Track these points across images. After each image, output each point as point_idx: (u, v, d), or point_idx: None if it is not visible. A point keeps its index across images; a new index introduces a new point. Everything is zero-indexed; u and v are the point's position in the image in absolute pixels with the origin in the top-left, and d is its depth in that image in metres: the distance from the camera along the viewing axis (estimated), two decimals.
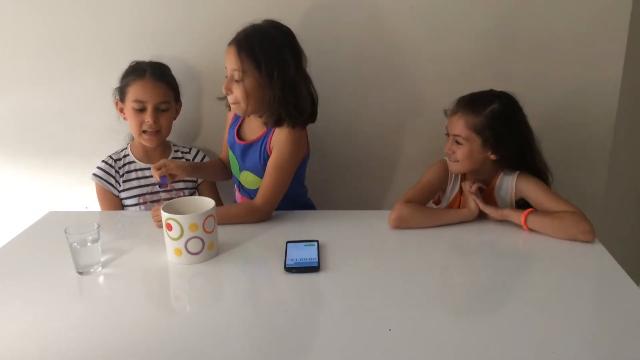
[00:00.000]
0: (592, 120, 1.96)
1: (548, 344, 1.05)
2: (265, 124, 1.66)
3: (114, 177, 1.82)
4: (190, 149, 1.93)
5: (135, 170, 1.84)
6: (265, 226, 1.60)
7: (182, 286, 1.33)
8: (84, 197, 1.89)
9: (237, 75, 1.57)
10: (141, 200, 1.83)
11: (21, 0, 1.86)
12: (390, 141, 2.00)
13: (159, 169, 1.60)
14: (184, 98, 1.88)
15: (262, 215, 1.62)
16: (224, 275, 1.35)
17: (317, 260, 1.33)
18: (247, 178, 1.75)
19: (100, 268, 1.35)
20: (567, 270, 1.34)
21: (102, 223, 1.48)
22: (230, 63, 1.57)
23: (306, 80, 1.62)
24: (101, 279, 1.32)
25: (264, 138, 1.68)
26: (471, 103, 1.58)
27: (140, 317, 1.17)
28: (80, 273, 1.32)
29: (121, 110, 1.81)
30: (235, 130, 1.77)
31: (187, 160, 1.89)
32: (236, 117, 1.79)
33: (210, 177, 1.84)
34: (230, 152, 1.80)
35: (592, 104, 1.94)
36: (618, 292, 1.25)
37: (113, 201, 1.83)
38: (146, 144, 1.81)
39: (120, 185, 1.83)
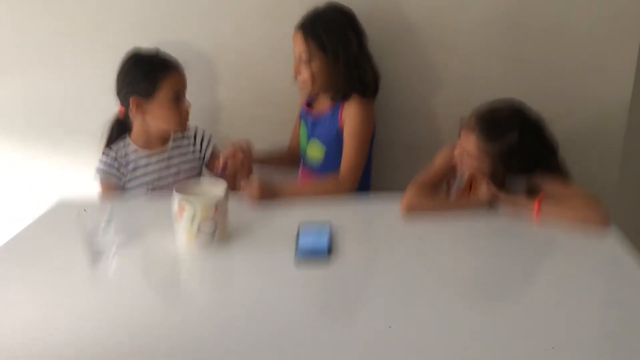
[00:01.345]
0: (605, 106, 1.95)
1: (563, 334, 1.04)
2: (333, 99, 1.77)
3: (117, 169, 1.79)
4: (194, 128, 1.88)
5: (141, 158, 1.81)
6: (277, 210, 1.59)
7: (194, 271, 1.33)
8: (93, 180, 1.85)
9: (304, 58, 1.69)
10: (150, 187, 1.81)
11: None
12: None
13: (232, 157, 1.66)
14: (199, 84, 1.88)
15: (348, 186, 1.69)
16: (236, 261, 1.34)
17: (328, 246, 1.32)
18: (313, 147, 1.83)
19: (113, 250, 1.34)
20: (582, 257, 1.33)
21: (113, 209, 1.45)
22: (297, 47, 1.71)
23: (368, 57, 1.75)
24: (113, 264, 1.32)
25: (334, 111, 1.78)
26: (489, 128, 1.51)
27: (151, 302, 1.18)
28: (94, 258, 1.31)
29: (138, 107, 1.74)
30: (307, 104, 1.88)
31: (191, 139, 1.86)
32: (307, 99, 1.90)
33: (278, 164, 1.85)
34: (302, 126, 1.89)
35: (606, 88, 1.93)
36: (635, 278, 1.23)
37: (116, 191, 1.81)
38: (181, 130, 1.81)
39: (125, 176, 1.80)
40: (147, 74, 1.73)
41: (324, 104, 1.85)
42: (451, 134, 1.67)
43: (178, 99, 1.75)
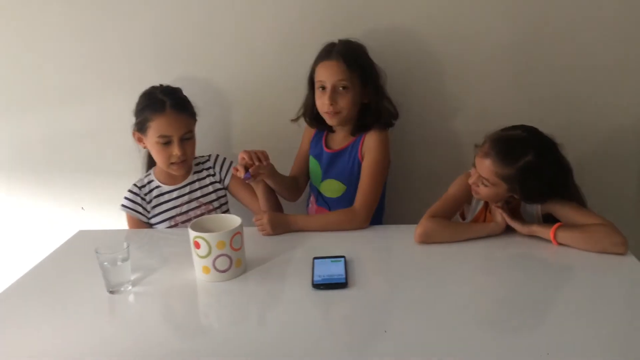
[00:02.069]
0: (621, 134, 1.94)
1: (582, 357, 1.03)
2: (353, 132, 1.77)
3: (141, 205, 1.81)
4: (209, 156, 1.90)
5: (162, 194, 1.83)
6: (291, 242, 1.59)
7: (210, 304, 1.33)
8: (113, 216, 1.89)
9: (342, 86, 1.68)
10: (172, 223, 1.83)
11: (50, 22, 1.91)
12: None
13: (249, 164, 1.63)
14: (211, 115, 1.88)
15: (361, 220, 1.66)
16: (252, 292, 1.34)
17: (344, 276, 1.32)
18: (330, 186, 1.81)
19: (130, 286, 1.35)
20: (599, 284, 1.31)
21: (131, 241, 1.47)
22: (334, 75, 1.68)
23: (383, 87, 1.78)
24: (131, 297, 1.33)
25: (354, 145, 1.78)
26: (504, 152, 1.48)
27: (169, 335, 1.18)
28: (111, 292, 1.33)
29: (140, 141, 1.78)
30: (323, 140, 1.86)
31: (209, 167, 1.87)
32: (318, 131, 1.87)
33: (282, 187, 1.79)
34: (313, 163, 1.87)
35: (621, 114, 1.92)
36: None
37: (142, 227, 1.82)
38: (175, 173, 1.80)
39: (149, 212, 1.82)
40: (141, 111, 1.75)
41: (340, 139, 1.82)
42: (466, 163, 1.67)
43: (165, 142, 1.71)
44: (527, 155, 1.45)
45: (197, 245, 1.35)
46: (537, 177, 1.47)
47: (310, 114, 1.82)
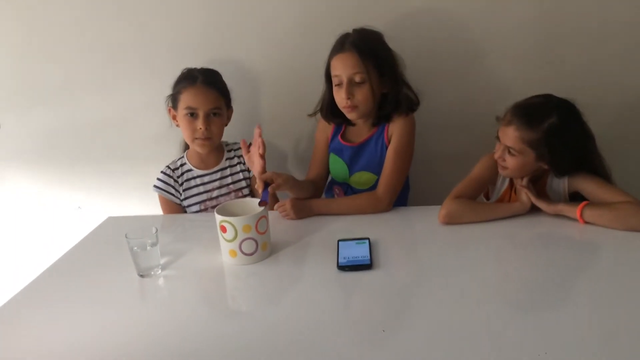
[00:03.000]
0: None
1: (608, 338, 1.02)
2: (375, 122, 1.71)
3: (173, 187, 1.82)
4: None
5: (194, 177, 1.83)
6: (315, 226, 1.58)
7: (238, 287, 1.33)
8: (142, 202, 1.94)
9: (358, 78, 1.61)
10: (202, 207, 1.83)
11: (74, 14, 1.92)
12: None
13: (266, 183, 1.53)
14: (238, 102, 1.86)
15: (384, 204, 1.63)
16: (278, 275, 1.34)
17: (369, 257, 1.32)
18: (361, 178, 1.76)
19: (160, 270, 1.36)
20: (627, 262, 1.29)
21: (160, 226, 1.50)
22: (349, 68, 1.60)
23: (402, 74, 1.70)
24: (161, 281, 1.34)
25: (379, 134, 1.72)
26: (527, 116, 1.46)
27: (198, 317, 1.18)
28: (142, 276, 1.34)
29: (174, 118, 1.79)
30: (340, 137, 1.78)
31: (241, 155, 1.83)
32: (336, 128, 1.80)
33: (303, 193, 1.70)
34: (335, 160, 1.79)
35: None
36: None
37: (176, 209, 1.84)
38: (198, 150, 1.79)
39: (181, 194, 1.82)
40: (176, 85, 1.77)
41: (362, 131, 1.76)
42: (490, 144, 1.64)
43: (191, 113, 1.71)
44: (550, 117, 1.43)
45: (224, 230, 1.35)
46: (563, 140, 1.45)
47: (328, 109, 1.75)
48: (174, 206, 1.84)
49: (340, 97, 1.65)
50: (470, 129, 1.97)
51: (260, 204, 1.41)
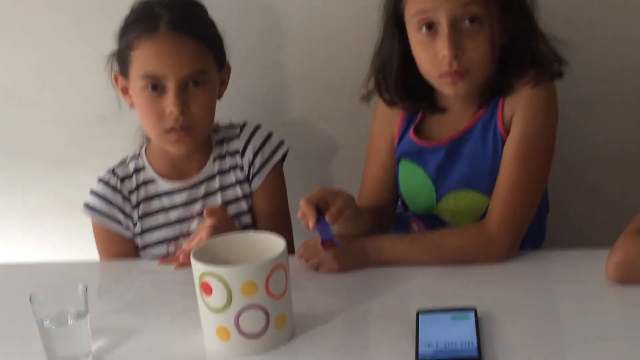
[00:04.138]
0: None
1: None
2: (481, 101, 1.36)
3: (120, 209, 1.45)
4: (240, 127, 1.52)
5: (159, 195, 1.46)
6: (373, 283, 1.25)
7: None
8: (61, 236, 1.69)
9: (471, 16, 1.27)
10: (171, 247, 1.46)
11: None
12: None
13: (331, 213, 1.24)
14: (235, 58, 1.49)
15: (501, 246, 1.28)
16: None
17: (476, 345, 1.02)
18: (460, 203, 1.41)
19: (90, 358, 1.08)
20: None
21: (97, 279, 1.36)
22: (457, 4, 1.27)
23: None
24: None
25: (488, 117, 1.37)
26: None
27: None
28: None
29: (124, 91, 1.45)
30: (413, 132, 1.42)
31: (237, 152, 1.52)
32: (408, 116, 1.45)
33: (358, 227, 1.43)
34: (409, 172, 1.46)
35: None
36: None
37: (123, 248, 1.48)
38: (170, 149, 1.42)
39: (134, 223, 1.47)
40: (122, 34, 1.42)
41: (456, 119, 1.41)
42: None
43: (154, 86, 1.39)
44: None
45: (208, 290, 1.04)
46: None
47: (397, 82, 1.35)
48: (119, 243, 1.47)
49: (432, 55, 1.27)
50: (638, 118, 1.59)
51: (324, 245, 1.20)
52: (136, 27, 1.39)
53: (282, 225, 1.47)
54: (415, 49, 1.29)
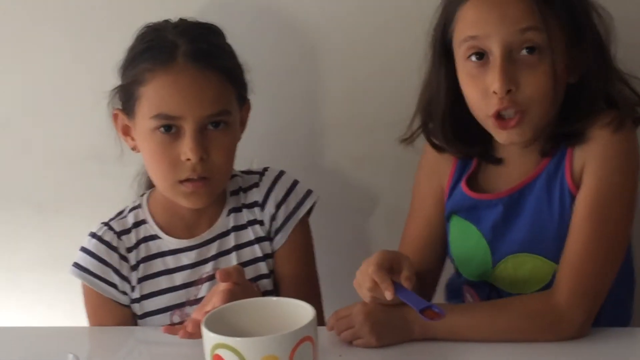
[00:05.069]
0: None
1: None
2: (545, 151, 1.29)
3: (115, 270, 1.37)
4: (260, 174, 1.46)
5: (162, 253, 1.39)
6: (426, 356, 1.19)
7: None
8: (44, 296, 1.66)
9: (529, 44, 1.20)
10: (177, 316, 1.38)
11: None
12: None
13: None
14: (258, 91, 1.43)
15: (571, 323, 1.21)
16: None
17: None
18: (521, 268, 1.33)
19: None
20: None
21: (88, 348, 1.29)
22: (510, 19, 1.20)
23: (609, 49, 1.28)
24: None
25: (554, 168, 1.30)
26: None
27: None
28: None
29: (125, 132, 1.37)
30: (465, 183, 1.35)
31: (256, 203, 1.48)
32: (461, 165, 1.38)
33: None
34: (461, 230, 1.41)
35: None
36: None
37: (116, 315, 1.39)
38: (185, 203, 1.33)
39: (133, 287, 1.38)
40: (128, 66, 1.34)
41: (516, 170, 1.33)
42: None
43: (167, 128, 1.31)
44: None
45: None
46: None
47: (445, 123, 1.28)
48: (114, 310, 1.39)
49: (481, 89, 1.19)
50: None
51: (425, 315, 1.11)
52: (147, 57, 1.32)
53: (309, 290, 1.40)
54: (463, 82, 1.21)
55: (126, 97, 1.36)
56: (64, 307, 1.60)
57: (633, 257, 1.35)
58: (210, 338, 0.96)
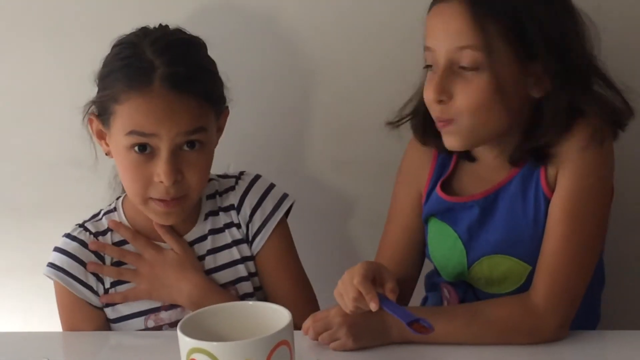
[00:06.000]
0: None
1: None
2: (512, 160, 1.29)
3: (90, 272, 1.36)
4: (236, 178, 1.45)
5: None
6: (404, 359, 1.18)
7: None
8: (17, 299, 1.65)
9: (468, 60, 1.19)
10: (151, 320, 1.37)
11: None
12: None
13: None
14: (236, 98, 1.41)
15: (548, 326, 1.22)
16: None
17: None
18: (496, 270, 1.34)
19: None
20: None
21: (62, 354, 1.28)
22: (448, 34, 1.22)
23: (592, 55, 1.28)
24: None
25: (532, 168, 1.30)
26: None
27: None
28: None
29: (100, 137, 1.35)
30: (440, 186, 1.35)
31: (231, 207, 1.47)
32: (440, 162, 1.38)
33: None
34: (439, 232, 1.42)
35: None
36: None
37: (89, 318, 1.36)
38: (159, 220, 1.35)
39: (105, 287, 1.35)
40: (103, 82, 1.31)
41: (492, 171, 1.33)
42: None
43: (141, 147, 1.29)
44: None
45: None
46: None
47: (423, 119, 1.31)
48: (89, 312, 1.36)
49: (426, 94, 1.24)
50: None
51: (413, 328, 1.11)
52: (123, 76, 1.30)
53: (299, 292, 1.42)
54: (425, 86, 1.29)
55: (101, 110, 1.35)
56: (41, 312, 1.59)
57: (603, 259, 1.38)
58: (186, 342, 0.95)
